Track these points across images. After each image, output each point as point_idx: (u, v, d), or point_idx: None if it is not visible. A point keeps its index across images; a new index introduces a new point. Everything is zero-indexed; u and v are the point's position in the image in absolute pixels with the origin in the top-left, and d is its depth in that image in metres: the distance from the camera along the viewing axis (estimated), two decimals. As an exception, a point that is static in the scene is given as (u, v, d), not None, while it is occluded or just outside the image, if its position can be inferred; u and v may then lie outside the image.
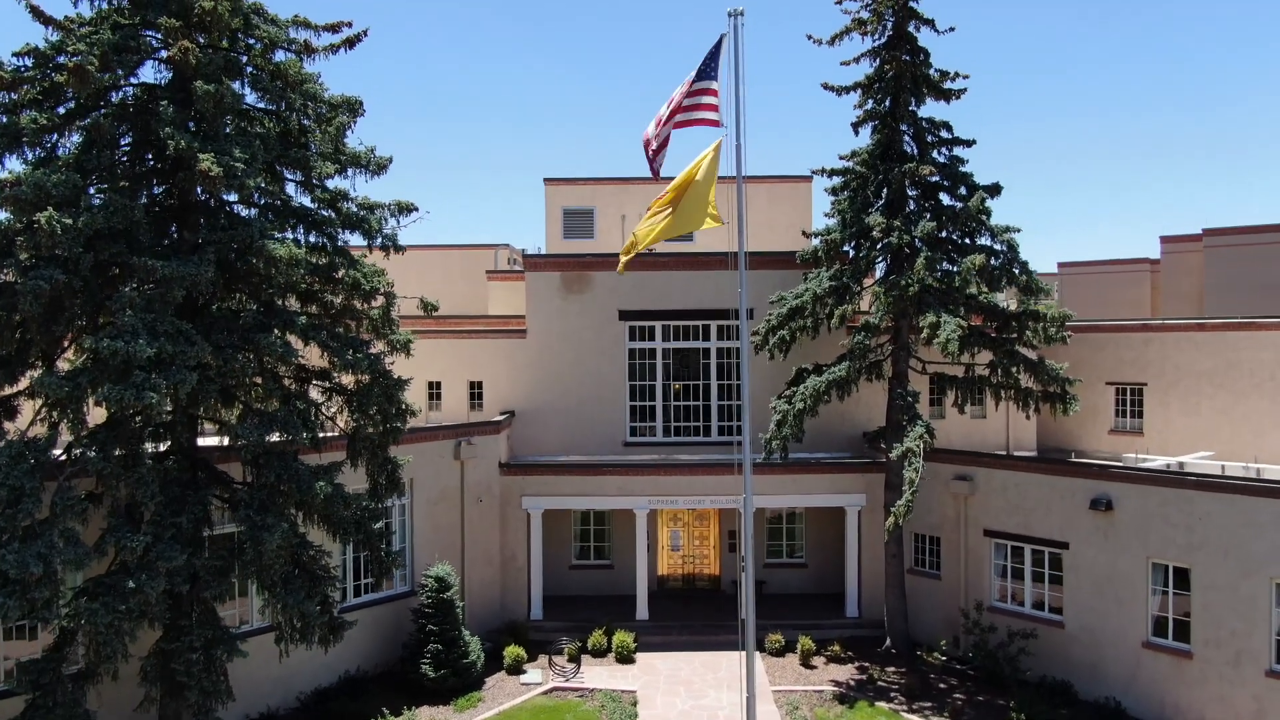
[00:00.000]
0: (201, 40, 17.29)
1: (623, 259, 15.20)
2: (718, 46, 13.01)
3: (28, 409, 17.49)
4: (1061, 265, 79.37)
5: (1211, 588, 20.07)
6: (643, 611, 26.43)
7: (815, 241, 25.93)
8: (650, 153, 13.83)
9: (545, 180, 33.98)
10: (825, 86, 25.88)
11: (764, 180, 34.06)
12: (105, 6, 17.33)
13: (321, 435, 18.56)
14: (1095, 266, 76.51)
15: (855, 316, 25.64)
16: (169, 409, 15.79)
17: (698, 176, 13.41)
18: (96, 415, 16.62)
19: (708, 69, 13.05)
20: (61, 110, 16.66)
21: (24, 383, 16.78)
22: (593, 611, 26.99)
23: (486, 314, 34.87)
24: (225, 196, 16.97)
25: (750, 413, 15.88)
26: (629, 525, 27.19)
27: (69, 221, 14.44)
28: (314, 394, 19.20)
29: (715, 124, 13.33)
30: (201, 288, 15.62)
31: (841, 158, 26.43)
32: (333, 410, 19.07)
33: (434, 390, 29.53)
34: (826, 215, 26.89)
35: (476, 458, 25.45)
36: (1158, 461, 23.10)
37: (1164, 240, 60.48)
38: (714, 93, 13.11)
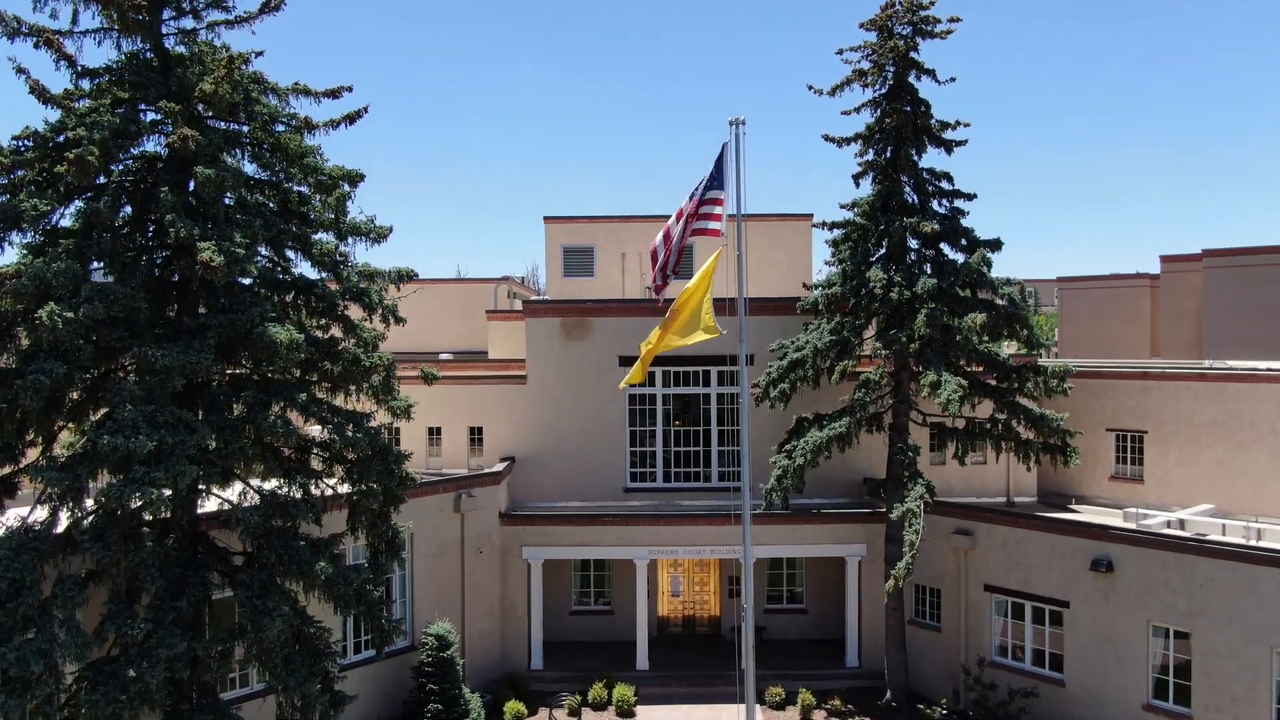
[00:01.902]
0: (201, 109, 17.26)
1: (630, 377, 15.68)
2: (722, 154, 13.11)
3: (27, 483, 17.45)
4: (1061, 280, 79.43)
5: (1213, 653, 20.08)
6: (643, 661, 26.40)
7: (816, 293, 25.89)
8: (657, 271, 14.21)
9: (545, 218, 33.89)
10: (826, 138, 25.92)
11: (764, 219, 33.93)
12: (106, 80, 17.32)
13: (321, 495, 18.55)
14: (1095, 282, 76.52)
15: (860, 361, 25.61)
16: (169, 497, 15.70)
17: (700, 292, 13.63)
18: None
19: (714, 179, 13.18)
20: (61, 186, 16.60)
21: (23, 460, 16.76)
22: (593, 659, 26.99)
23: (485, 351, 34.83)
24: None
25: (749, 466, 15.97)
26: (629, 570, 27.14)
27: (70, 315, 14.39)
28: (314, 463, 19.14)
29: (717, 234, 13.44)
30: (201, 374, 15.56)
31: (843, 206, 26.47)
32: (334, 481, 19.02)
33: (434, 435, 29.46)
34: (827, 263, 26.94)
35: (477, 510, 25.42)
36: (1158, 519, 23.08)
37: (1164, 260, 60.53)
38: (720, 202, 13.21)
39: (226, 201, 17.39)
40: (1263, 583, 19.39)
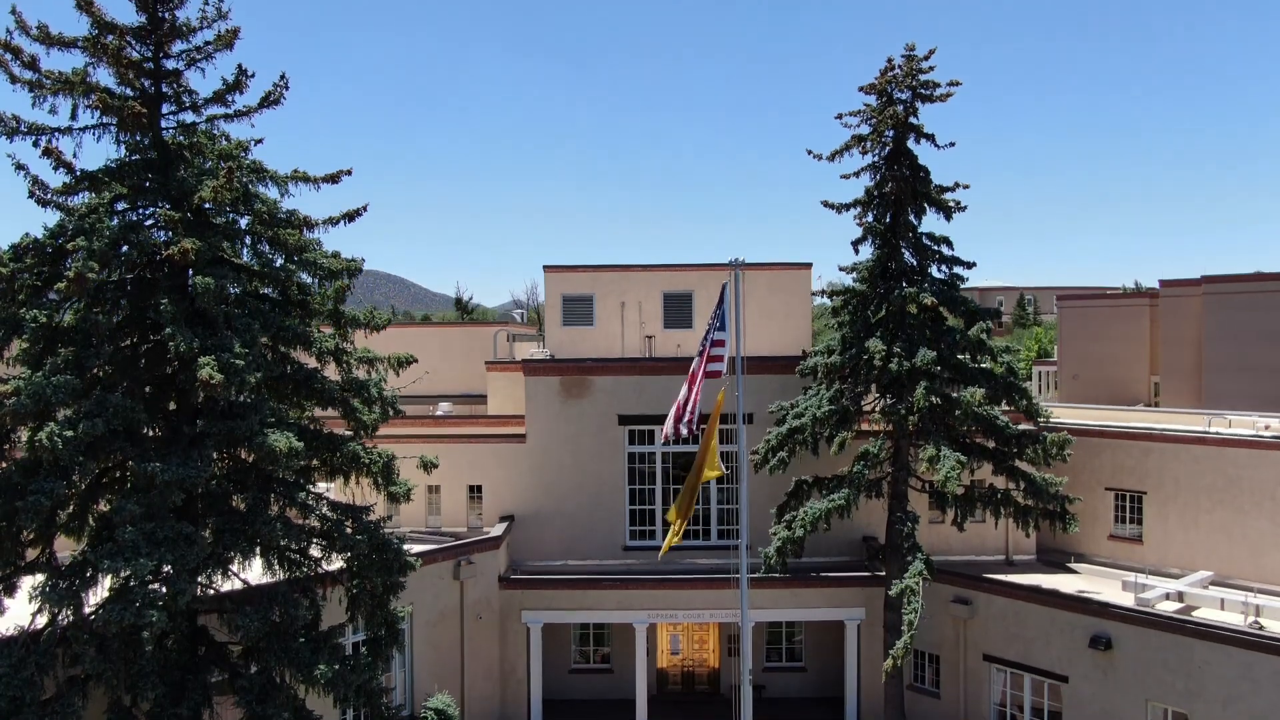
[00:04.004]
0: (198, 198, 17.29)
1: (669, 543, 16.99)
2: (723, 294, 13.30)
3: (27, 580, 17.48)
4: (1061, 298, 79.52)
5: (1211, 736, 20.13)
6: (642, 724, 26.44)
7: (815, 359, 25.87)
8: (677, 425, 14.76)
9: (545, 268, 33.93)
10: (825, 204, 25.98)
11: (764, 268, 33.97)
12: (104, 179, 17.33)
13: (318, 574, 18.60)
14: (1094, 300, 76.59)
15: (861, 419, 25.61)
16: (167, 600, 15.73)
17: (709, 438, 14.16)
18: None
19: (718, 323, 13.43)
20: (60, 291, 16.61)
21: (22, 562, 16.79)
22: (593, 719, 27.04)
23: (485, 395, 34.85)
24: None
25: (747, 529, 16.34)
26: (629, 629, 27.14)
27: (70, 433, 14.40)
28: (314, 550, 19.15)
29: (718, 375, 13.66)
30: (200, 485, 15.59)
31: (842, 269, 26.54)
32: (334, 566, 19.04)
33: (433, 492, 29.44)
34: (828, 327, 26.93)
35: (476, 576, 25.46)
36: (1157, 591, 23.06)
37: (1163, 284, 60.62)
38: (722, 344, 13.41)
39: (231, 292, 17.44)
40: (1259, 669, 19.46)
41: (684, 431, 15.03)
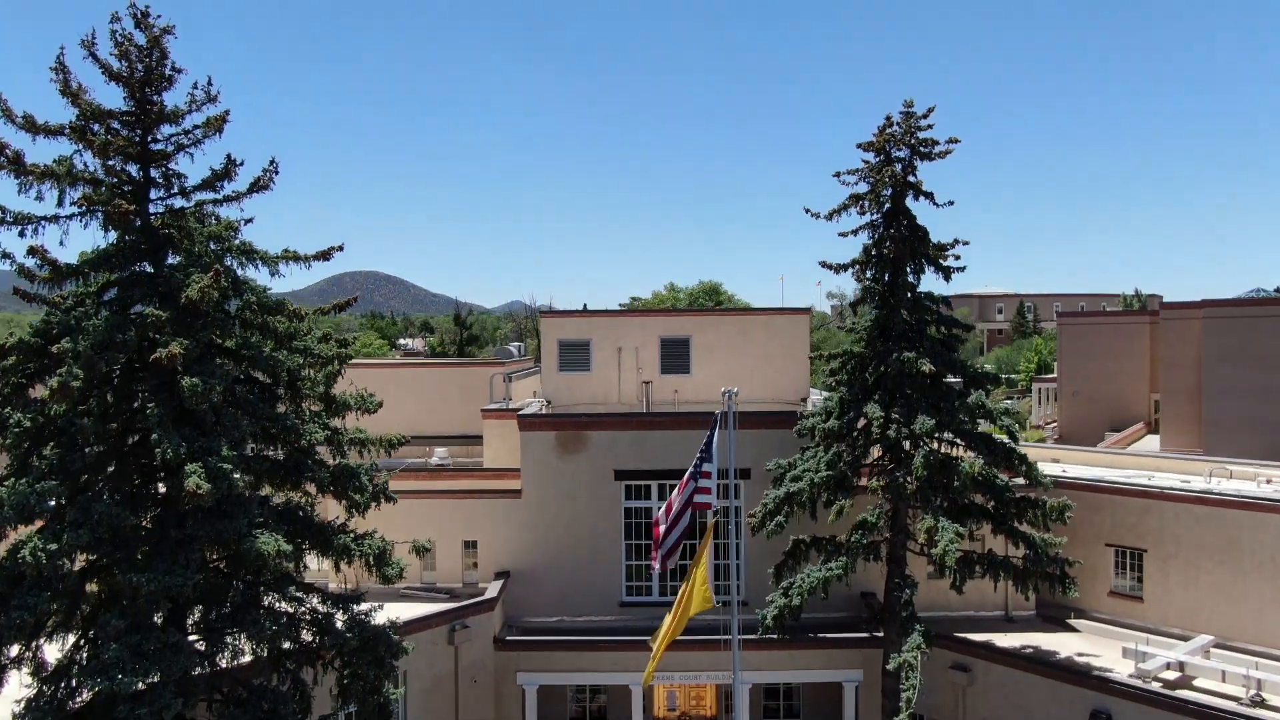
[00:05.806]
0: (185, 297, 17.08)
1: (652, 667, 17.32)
2: (714, 424, 13.15)
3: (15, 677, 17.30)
4: (1060, 315, 79.58)
5: (1211, 819, 19.94)
6: (639, 785, 26.26)
7: (813, 420, 25.64)
8: (661, 551, 14.57)
9: (541, 313, 33.75)
10: (823, 264, 25.76)
11: (762, 313, 33.83)
12: (92, 267, 17.13)
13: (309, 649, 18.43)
14: (1094, 318, 76.58)
15: (862, 472, 25.41)
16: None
17: (699, 570, 13.97)
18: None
19: (707, 453, 13.31)
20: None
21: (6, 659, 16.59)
22: (589, 779, 26.87)
23: (480, 436, 34.63)
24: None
25: (743, 594, 16.31)
26: (626, 689, 26.95)
27: (54, 546, 14.20)
28: (305, 635, 18.95)
29: (708, 506, 13.54)
30: (186, 594, 15.40)
31: (840, 329, 26.30)
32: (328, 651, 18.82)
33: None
34: (826, 384, 26.71)
35: (471, 640, 25.27)
36: (1158, 660, 22.81)
37: (1163, 306, 60.62)
38: (709, 475, 13.25)
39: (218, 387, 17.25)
40: (1262, 754, 19.26)
41: (657, 567, 14.96)
